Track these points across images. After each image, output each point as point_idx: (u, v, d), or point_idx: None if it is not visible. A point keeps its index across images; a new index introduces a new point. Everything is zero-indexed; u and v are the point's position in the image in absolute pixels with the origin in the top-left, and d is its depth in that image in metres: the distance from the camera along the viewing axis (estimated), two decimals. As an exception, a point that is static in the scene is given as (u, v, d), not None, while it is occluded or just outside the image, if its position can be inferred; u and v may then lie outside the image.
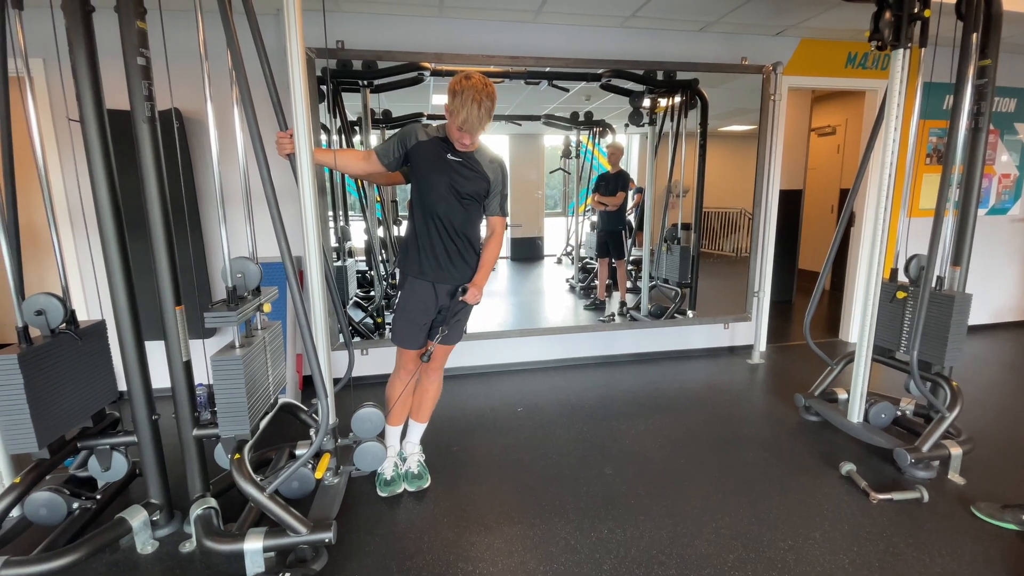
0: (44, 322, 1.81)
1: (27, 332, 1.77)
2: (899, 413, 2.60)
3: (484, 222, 2.13)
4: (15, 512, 1.80)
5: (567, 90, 3.46)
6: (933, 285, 2.37)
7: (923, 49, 2.26)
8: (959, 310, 2.33)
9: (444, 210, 1.98)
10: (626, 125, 3.69)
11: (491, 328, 3.51)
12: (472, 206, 2.04)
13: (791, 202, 5.24)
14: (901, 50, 2.23)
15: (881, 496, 2.13)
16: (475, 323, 2.25)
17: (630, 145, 4.26)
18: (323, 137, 3.00)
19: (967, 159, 2.39)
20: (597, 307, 4.22)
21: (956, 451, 2.29)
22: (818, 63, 3.67)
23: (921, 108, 2.36)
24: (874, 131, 2.56)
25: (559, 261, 4.88)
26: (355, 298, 3.57)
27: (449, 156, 1.96)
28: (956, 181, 2.36)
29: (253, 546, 1.69)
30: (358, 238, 3.50)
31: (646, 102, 3.53)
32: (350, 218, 3.46)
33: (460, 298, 2.06)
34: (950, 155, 2.31)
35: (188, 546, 1.87)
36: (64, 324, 1.86)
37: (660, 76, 3.36)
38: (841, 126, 5.82)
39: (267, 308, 1.99)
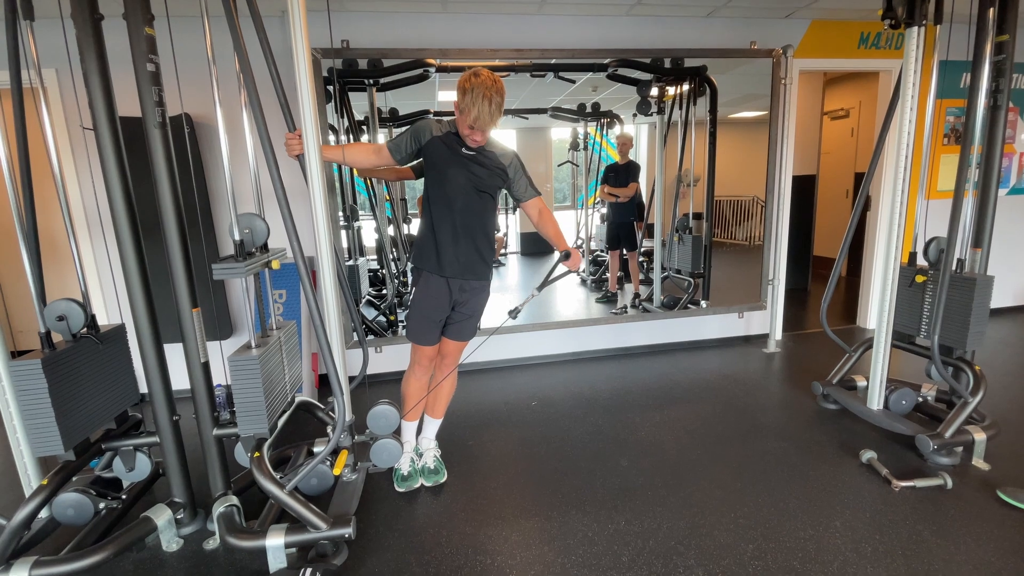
0: (66, 327, 1.84)
1: (49, 337, 1.80)
2: (920, 399, 2.55)
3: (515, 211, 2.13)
4: (43, 513, 1.84)
5: (573, 82, 3.44)
6: (953, 268, 2.33)
7: (938, 26, 2.20)
8: (981, 293, 2.28)
9: (462, 204, 1.99)
10: (634, 115, 3.66)
11: (503, 322, 3.51)
12: (489, 201, 2.06)
13: (805, 188, 5.16)
14: (915, 28, 2.17)
15: (903, 483, 2.10)
16: (487, 318, 2.26)
17: (639, 135, 4.21)
18: (331, 137, 3.02)
19: (986, 138, 2.33)
20: (609, 300, 4.20)
21: (980, 436, 2.25)
22: (829, 45, 3.59)
23: (937, 87, 2.30)
24: (889, 112, 2.51)
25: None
26: (368, 296, 3.60)
27: (464, 150, 1.97)
28: (975, 161, 2.31)
29: (275, 542, 1.72)
30: (368, 236, 3.51)
31: (654, 91, 3.49)
32: (359, 215, 3.48)
33: (563, 264, 2.07)
34: (968, 135, 2.25)
35: (212, 543, 1.91)
36: (85, 329, 1.90)
37: (668, 64, 3.31)
38: (855, 109, 5.69)
39: (276, 265, 1.92)
